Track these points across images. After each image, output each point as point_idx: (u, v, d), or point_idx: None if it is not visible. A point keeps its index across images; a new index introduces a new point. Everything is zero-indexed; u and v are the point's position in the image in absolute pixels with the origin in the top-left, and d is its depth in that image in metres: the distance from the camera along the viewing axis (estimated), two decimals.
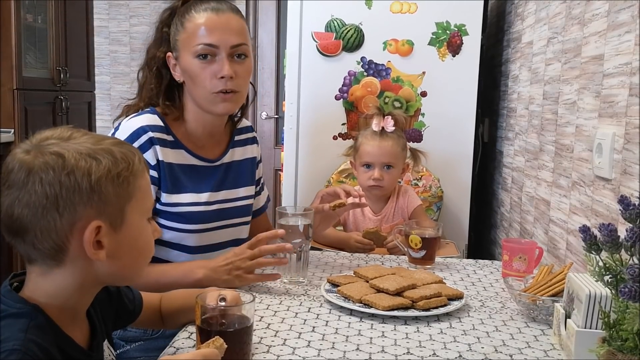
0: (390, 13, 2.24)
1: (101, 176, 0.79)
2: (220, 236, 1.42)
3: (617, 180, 1.21)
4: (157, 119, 1.35)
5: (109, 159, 0.81)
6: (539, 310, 1.13)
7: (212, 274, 1.25)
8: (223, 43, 1.32)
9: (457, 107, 2.27)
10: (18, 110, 3.01)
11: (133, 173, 0.84)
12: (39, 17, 3.31)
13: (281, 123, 3.49)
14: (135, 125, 1.32)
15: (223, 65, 1.31)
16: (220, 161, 1.45)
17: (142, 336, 1.34)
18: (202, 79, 1.32)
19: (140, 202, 0.86)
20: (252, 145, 1.56)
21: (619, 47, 1.24)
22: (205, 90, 1.33)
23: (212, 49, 1.32)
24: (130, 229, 0.84)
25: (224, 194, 1.43)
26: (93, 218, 0.79)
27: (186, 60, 1.34)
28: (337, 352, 0.99)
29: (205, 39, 1.31)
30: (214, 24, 1.32)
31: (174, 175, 1.35)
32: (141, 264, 0.89)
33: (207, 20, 1.32)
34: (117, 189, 0.81)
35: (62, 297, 0.82)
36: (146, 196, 0.88)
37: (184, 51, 1.34)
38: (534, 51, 1.94)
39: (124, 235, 0.83)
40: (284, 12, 2.49)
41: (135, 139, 1.30)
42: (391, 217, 1.91)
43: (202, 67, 1.32)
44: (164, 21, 1.40)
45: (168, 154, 1.34)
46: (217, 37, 1.31)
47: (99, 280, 0.85)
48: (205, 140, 1.43)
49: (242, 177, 1.49)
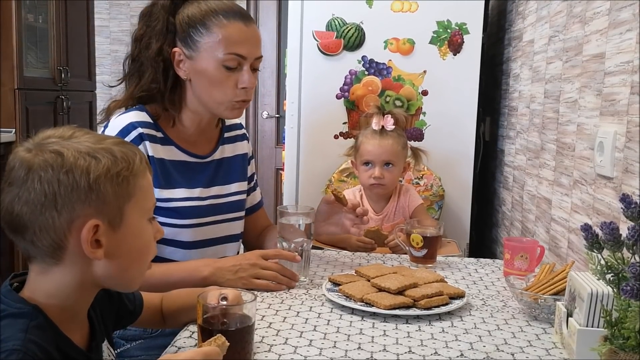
0: (391, 12, 2.24)
1: (100, 175, 0.80)
2: (214, 231, 1.43)
3: (619, 179, 1.21)
4: (145, 116, 1.35)
5: (108, 158, 0.81)
6: (540, 309, 1.13)
7: (218, 272, 1.25)
8: (250, 55, 1.34)
9: (458, 106, 2.27)
10: (19, 110, 3.01)
11: (133, 173, 0.83)
12: (40, 16, 3.31)
13: (282, 122, 3.50)
14: (125, 122, 1.32)
15: (248, 77, 1.34)
16: (211, 157, 1.45)
17: (142, 335, 1.34)
18: (225, 86, 1.34)
19: (141, 202, 0.85)
20: (242, 142, 1.56)
21: (620, 45, 1.24)
22: (226, 97, 1.35)
23: (241, 59, 1.33)
24: (129, 228, 0.83)
25: (216, 189, 1.44)
26: (91, 217, 0.79)
27: (207, 64, 1.33)
28: (338, 351, 0.99)
29: (237, 49, 1.32)
30: (245, 35, 1.34)
31: (166, 171, 1.35)
32: (140, 265, 0.88)
33: (239, 30, 1.33)
34: (115, 188, 0.81)
35: (61, 296, 0.82)
36: (147, 196, 0.87)
37: (207, 54, 1.32)
38: (535, 50, 1.94)
39: (123, 235, 0.83)
40: (285, 11, 2.49)
41: (125, 135, 1.30)
42: (392, 216, 1.91)
43: (227, 76, 1.33)
44: (168, 10, 1.35)
45: (158, 150, 1.34)
46: (247, 49, 1.33)
47: (98, 280, 0.85)
48: (196, 137, 1.43)
49: (233, 173, 1.50)
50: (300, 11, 2.27)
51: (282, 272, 1.29)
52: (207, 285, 1.20)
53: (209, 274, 1.25)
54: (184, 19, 1.35)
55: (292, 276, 1.30)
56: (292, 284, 1.30)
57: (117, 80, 1.43)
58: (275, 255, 1.32)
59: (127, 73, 1.40)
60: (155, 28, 1.35)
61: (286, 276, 1.29)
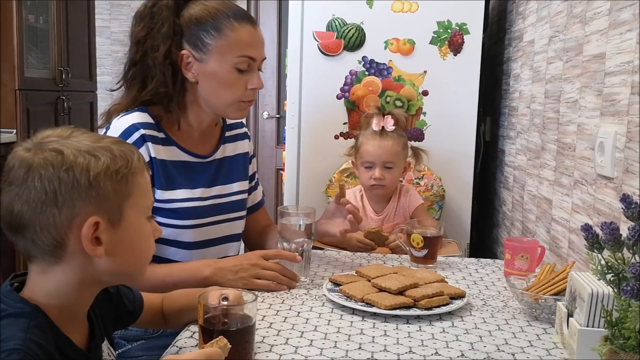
0: (392, 12, 2.24)
1: (99, 172, 0.80)
2: (216, 231, 1.43)
3: (619, 179, 1.21)
4: (147, 117, 1.35)
5: (107, 156, 0.82)
6: (541, 309, 1.13)
7: (219, 272, 1.26)
8: (259, 57, 1.38)
9: (459, 106, 2.27)
10: (20, 111, 3.02)
11: (132, 171, 0.84)
12: (41, 17, 3.32)
13: (282, 122, 3.49)
14: (127, 123, 1.32)
15: (258, 78, 1.38)
16: (212, 157, 1.46)
17: (143, 335, 1.34)
18: (235, 88, 1.36)
19: (139, 200, 0.86)
20: (243, 141, 1.56)
21: (620, 45, 1.24)
22: (235, 97, 1.37)
23: (251, 61, 1.36)
24: (128, 226, 0.84)
25: (217, 189, 1.44)
26: (91, 214, 0.80)
27: (218, 66, 1.33)
28: (339, 351, 0.99)
29: (249, 51, 1.35)
30: (255, 38, 1.37)
31: (167, 172, 1.35)
32: (141, 263, 0.89)
33: (249, 33, 1.36)
34: (115, 186, 0.82)
35: (61, 296, 0.82)
36: (145, 194, 0.88)
37: (218, 56, 1.33)
38: (536, 50, 1.94)
39: (123, 233, 0.84)
40: (285, 11, 2.49)
41: (127, 136, 1.30)
42: (393, 217, 1.91)
43: (238, 78, 1.35)
44: (172, 11, 1.33)
45: (160, 151, 1.34)
46: (257, 51, 1.37)
47: (99, 278, 0.85)
48: (197, 136, 1.44)
49: (235, 172, 1.50)
50: (301, 11, 2.27)
51: (282, 273, 1.29)
52: (208, 285, 1.20)
53: (210, 274, 1.25)
54: (191, 20, 1.33)
55: (292, 276, 1.30)
56: (293, 284, 1.30)
57: (117, 83, 1.40)
58: (276, 255, 1.32)
59: (128, 76, 1.37)
60: (160, 30, 1.32)
61: (287, 276, 1.29)
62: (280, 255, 1.32)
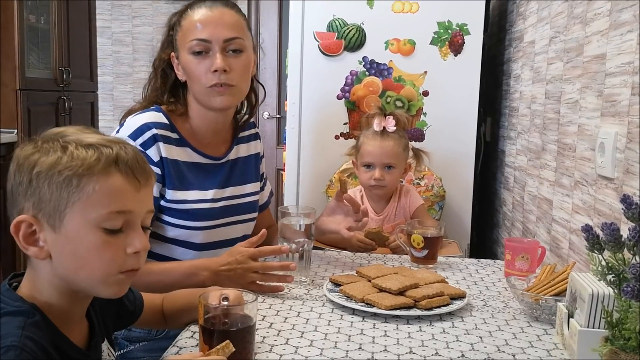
0: (392, 12, 2.24)
1: (41, 171, 0.78)
2: (227, 233, 1.43)
3: (620, 180, 1.21)
4: (161, 117, 1.36)
5: (59, 155, 0.78)
6: (541, 310, 1.13)
7: (215, 277, 1.24)
8: (215, 37, 1.33)
9: (459, 107, 2.27)
10: (21, 111, 3.02)
11: (86, 174, 0.78)
12: (42, 17, 3.32)
13: (283, 123, 3.49)
14: (139, 122, 1.33)
15: (215, 59, 1.32)
16: (226, 158, 1.46)
17: (146, 336, 1.34)
18: (197, 74, 1.34)
19: (89, 208, 0.78)
20: (255, 142, 1.57)
21: (621, 46, 1.24)
22: (201, 85, 1.35)
23: (206, 44, 1.33)
24: (69, 232, 0.79)
25: (230, 190, 1.44)
26: (27, 212, 0.80)
27: (183, 58, 1.36)
28: (339, 351, 0.99)
29: (198, 34, 1.33)
30: (207, 19, 1.34)
31: (180, 173, 1.35)
32: (91, 272, 0.81)
33: (201, 16, 1.35)
34: (53, 187, 0.78)
35: (52, 295, 0.82)
36: (101, 203, 0.79)
37: (182, 49, 1.36)
38: (536, 50, 1.94)
39: (64, 238, 0.79)
40: (286, 12, 2.49)
41: (139, 135, 1.31)
42: (393, 217, 1.91)
43: (197, 63, 1.34)
44: (170, 25, 1.42)
45: (173, 151, 1.35)
46: (209, 31, 1.33)
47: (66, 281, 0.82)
48: (210, 137, 1.44)
49: (248, 173, 1.50)
50: (301, 12, 2.27)
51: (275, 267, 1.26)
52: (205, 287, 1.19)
53: (206, 279, 1.24)
54: (169, 24, 1.42)
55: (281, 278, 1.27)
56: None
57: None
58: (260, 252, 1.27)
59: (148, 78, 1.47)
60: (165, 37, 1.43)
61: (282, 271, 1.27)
62: (263, 253, 1.27)
